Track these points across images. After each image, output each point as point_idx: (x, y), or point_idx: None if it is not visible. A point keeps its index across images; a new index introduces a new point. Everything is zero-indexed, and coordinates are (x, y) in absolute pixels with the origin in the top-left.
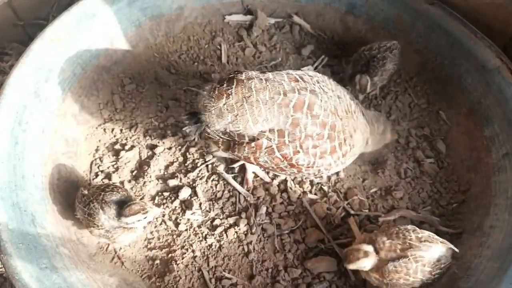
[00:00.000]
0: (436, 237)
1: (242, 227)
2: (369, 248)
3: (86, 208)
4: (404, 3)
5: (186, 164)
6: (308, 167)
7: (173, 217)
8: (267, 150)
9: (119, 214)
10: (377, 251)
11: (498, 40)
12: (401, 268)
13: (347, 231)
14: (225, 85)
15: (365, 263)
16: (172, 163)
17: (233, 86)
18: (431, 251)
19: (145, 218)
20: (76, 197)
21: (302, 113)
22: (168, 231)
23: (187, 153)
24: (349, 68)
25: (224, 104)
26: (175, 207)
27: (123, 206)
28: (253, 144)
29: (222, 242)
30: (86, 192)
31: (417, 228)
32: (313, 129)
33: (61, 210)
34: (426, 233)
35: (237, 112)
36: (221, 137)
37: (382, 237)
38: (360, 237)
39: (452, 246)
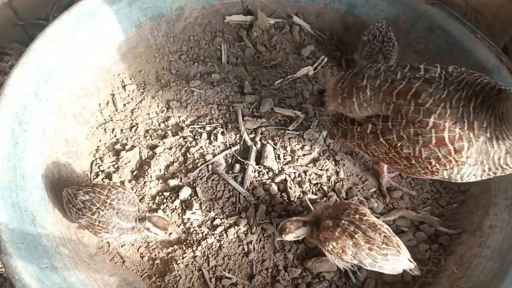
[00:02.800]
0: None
1: (242, 227)
2: (302, 218)
3: (96, 216)
4: (404, 3)
5: (186, 164)
6: (415, 157)
7: (174, 216)
8: (372, 136)
9: (140, 218)
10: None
11: (498, 40)
12: (334, 226)
13: None
14: (346, 73)
15: (300, 232)
16: (172, 163)
17: (351, 74)
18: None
19: (156, 234)
20: (70, 203)
21: (405, 100)
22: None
23: (187, 153)
24: (360, 57)
25: (338, 87)
26: (176, 207)
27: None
28: (359, 128)
29: (222, 242)
30: (87, 197)
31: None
32: (414, 116)
33: (61, 210)
34: (372, 219)
35: (346, 95)
36: (340, 126)
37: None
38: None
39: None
